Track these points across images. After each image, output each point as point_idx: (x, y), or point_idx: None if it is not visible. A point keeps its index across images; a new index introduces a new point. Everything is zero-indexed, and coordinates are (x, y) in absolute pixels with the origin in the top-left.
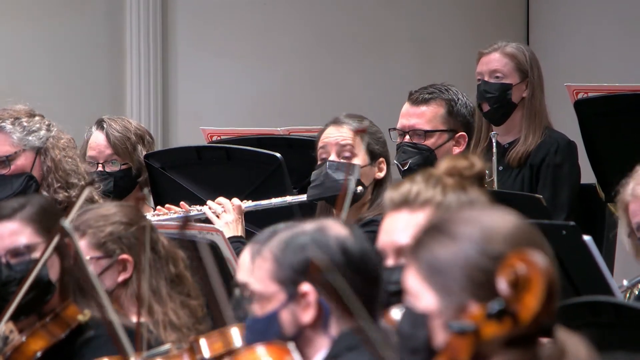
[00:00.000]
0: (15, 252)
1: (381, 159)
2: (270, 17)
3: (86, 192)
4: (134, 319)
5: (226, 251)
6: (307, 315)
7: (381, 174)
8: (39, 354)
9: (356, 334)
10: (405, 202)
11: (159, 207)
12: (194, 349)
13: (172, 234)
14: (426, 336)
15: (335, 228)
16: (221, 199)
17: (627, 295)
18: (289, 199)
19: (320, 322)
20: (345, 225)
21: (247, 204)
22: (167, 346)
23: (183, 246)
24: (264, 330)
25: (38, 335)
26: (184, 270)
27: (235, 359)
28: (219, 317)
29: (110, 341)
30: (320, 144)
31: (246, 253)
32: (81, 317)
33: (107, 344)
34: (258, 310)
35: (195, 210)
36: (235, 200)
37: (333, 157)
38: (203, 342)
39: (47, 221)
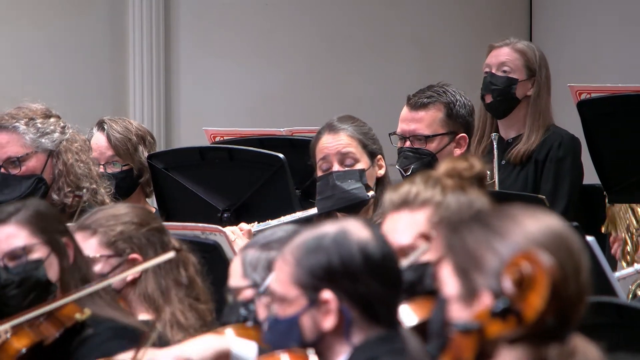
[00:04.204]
0: (12, 255)
1: (378, 157)
2: (272, 18)
3: (169, 256)
4: (141, 317)
5: (229, 252)
6: (328, 322)
7: (381, 172)
8: (23, 350)
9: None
10: (405, 203)
11: None
12: None
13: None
14: (442, 320)
15: (358, 231)
16: (230, 227)
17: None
18: (299, 214)
19: (342, 329)
20: (368, 226)
21: (257, 226)
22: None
23: (194, 250)
24: (285, 332)
25: (23, 333)
26: (194, 274)
27: None
28: None
29: (106, 339)
30: (319, 155)
31: (237, 259)
32: (79, 316)
33: (104, 343)
34: (279, 311)
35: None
36: (244, 225)
37: (337, 166)
38: None
39: (43, 222)
